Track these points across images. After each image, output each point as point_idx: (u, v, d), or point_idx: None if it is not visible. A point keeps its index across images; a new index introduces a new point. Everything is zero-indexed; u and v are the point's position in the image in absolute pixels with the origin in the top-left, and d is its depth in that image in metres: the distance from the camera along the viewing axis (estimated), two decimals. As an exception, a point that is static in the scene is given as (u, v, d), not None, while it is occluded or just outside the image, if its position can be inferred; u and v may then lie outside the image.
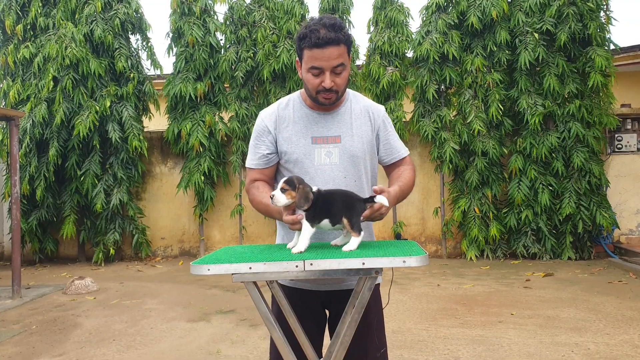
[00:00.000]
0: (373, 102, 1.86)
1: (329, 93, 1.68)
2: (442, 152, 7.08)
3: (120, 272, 6.90)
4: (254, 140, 1.81)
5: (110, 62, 7.49)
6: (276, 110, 1.80)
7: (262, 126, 1.79)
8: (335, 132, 1.75)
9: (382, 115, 1.83)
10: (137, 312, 4.72)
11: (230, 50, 7.47)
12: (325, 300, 1.83)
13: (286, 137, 1.75)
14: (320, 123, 1.76)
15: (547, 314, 4.32)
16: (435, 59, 7.02)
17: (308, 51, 1.63)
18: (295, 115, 1.78)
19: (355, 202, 1.57)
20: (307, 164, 1.73)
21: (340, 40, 1.62)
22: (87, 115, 7.12)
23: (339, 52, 1.63)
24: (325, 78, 1.65)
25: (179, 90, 7.34)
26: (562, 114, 6.84)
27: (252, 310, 4.57)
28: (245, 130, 7.47)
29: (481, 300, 4.81)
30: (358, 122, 1.78)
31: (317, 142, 1.74)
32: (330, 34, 1.60)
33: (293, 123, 1.76)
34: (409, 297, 4.98)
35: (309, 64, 1.65)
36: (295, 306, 1.73)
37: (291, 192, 1.55)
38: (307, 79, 1.69)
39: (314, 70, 1.65)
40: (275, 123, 1.78)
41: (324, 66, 1.63)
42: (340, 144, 1.74)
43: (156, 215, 8.07)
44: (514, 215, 6.91)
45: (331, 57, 1.62)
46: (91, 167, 7.36)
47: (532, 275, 5.91)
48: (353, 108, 1.80)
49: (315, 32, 1.60)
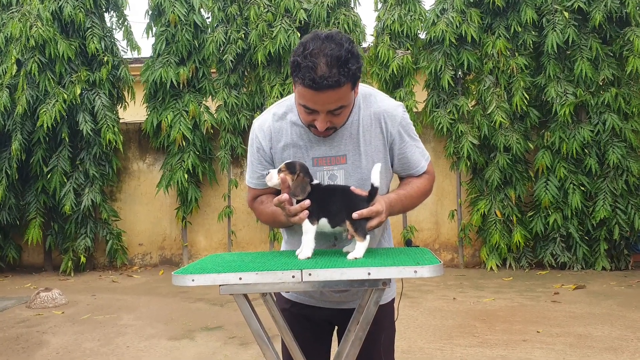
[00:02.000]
0: (389, 105, 1.73)
1: (324, 131, 1.62)
2: (459, 147, 7.08)
3: (92, 283, 6.89)
4: (250, 155, 1.80)
5: (82, 43, 7.48)
6: (271, 123, 1.74)
7: (256, 143, 1.76)
8: (339, 150, 1.68)
9: (397, 123, 1.72)
10: (111, 329, 4.71)
11: (218, 30, 7.47)
12: (334, 317, 1.86)
13: (284, 159, 1.70)
14: (322, 140, 1.68)
15: (578, 331, 4.32)
16: (452, 41, 7.02)
17: (300, 87, 1.52)
18: (292, 130, 1.71)
19: (359, 202, 1.57)
20: None
21: (341, 82, 1.48)
22: (54, 103, 7.11)
23: (338, 95, 1.51)
24: (319, 119, 1.57)
25: (159, 75, 7.34)
26: (596, 103, 6.84)
27: (243, 326, 4.57)
28: (234, 122, 7.47)
29: (503, 316, 4.81)
30: (367, 135, 1.69)
31: (319, 164, 1.69)
32: (331, 75, 1.46)
33: (291, 141, 1.70)
34: (421, 312, 4.98)
35: (301, 100, 1.56)
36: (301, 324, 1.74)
37: (288, 175, 1.57)
38: (299, 111, 1.62)
39: (306, 109, 1.57)
40: (270, 141, 1.74)
41: (318, 109, 1.55)
42: (346, 164, 1.69)
43: (133, 218, 8.07)
44: (541, 219, 6.92)
45: (328, 101, 1.52)
46: (59, 164, 7.36)
47: (561, 288, 5.91)
48: (362, 117, 1.69)
49: (311, 70, 1.46)
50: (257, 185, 1.81)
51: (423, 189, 1.79)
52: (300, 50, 1.51)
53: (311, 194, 1.57)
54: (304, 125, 1.66)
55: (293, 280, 1.38)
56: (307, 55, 1.48)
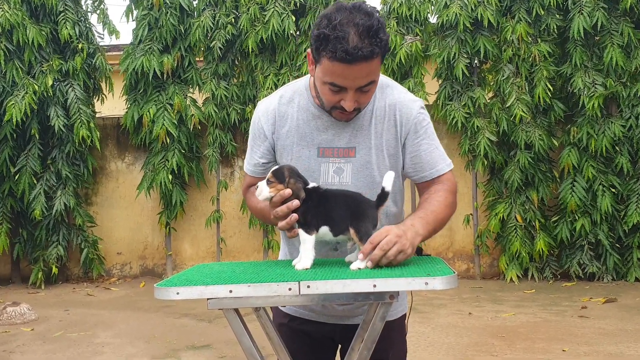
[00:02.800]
0: (406, 97, 1.75)
1: (349, 112, 1.63)
2: (475, 144, 7.08)
3: (65, 297, 6.88)
4: (251, 139, 1.84)
5: (53, 28, 7.48)
6: (276, 106, 1.76)
7: (258, 127, 1.79)
8: (348, 142, 1.70)
9: (413, 118, 1.72)
10: (86, 348, 4.71)
11: (205, 14, 7.47)
12: (337, 334, 1.86)
13: (286, 146, 1.74)
14: (330, 129, 1.71)
15: (608, 350, 4.32)
16: (467, 26, 7.02)
17: (329, 62, 1.53)
18: (299, 115, 1.73)
19: (365, 208, 1.56)
20: None
21: (375, 53, 1.52)
22: (24, 96, 7.11)
23: (371, 68, 1.55)
24: (347, 98, 1.59)
25: (140, 64, 7.33)
26: (628, 95, 6.84)
27: (233, 345, 4.57)
28: (223, 117, 7.47)
29: (524, 333, 4.81)
30: (379, 128, 1.71)
31: (325, 155, 1.71)
32: (364, 45, 1.49)
33: (296, 127, 1.73)
34: (433, 328, 4.97)
35: (327, 77, 1.57)
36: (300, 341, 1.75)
37: (277, 186, 1.56)
38: (322, 91, 1.63)
39: (332, 86, 1.58)
40: (273, 125, 1.76)
41: (347, 85, 1.57)
42: (355, 158, 1.70)
43: (111, 224, 8.06)
44: (567, 224, 6.91)
45: (360, 75, 1.55)
46: (28, 163, 7.35)
47: (589, 302, 5.91)
48: (375, 108, 1.72)
49: (342, 42, 1.49)
50: (253, 173, 1.83)
51: (446, 204, 1.71)
52: (326, 23, 1.52)
53: (309, 199, 1.56)
54: (326, 108, 1.67)
55: (289, 294, 1.37)
56: (336, 26, 1.50)
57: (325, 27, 1.51)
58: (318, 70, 1.60)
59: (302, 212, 1.55)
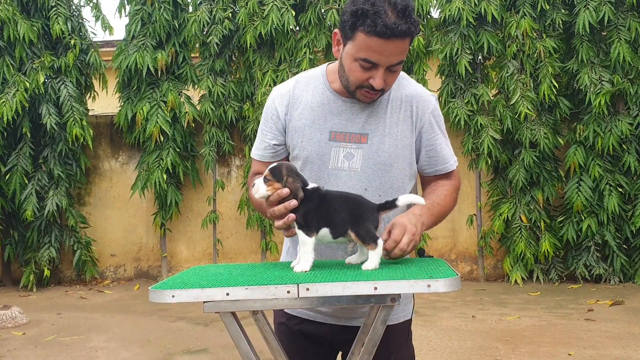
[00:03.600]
0: (423, 90, 1.83)
1: (374, 92, 1.68)
2: (479, 142, 7.08)
3: (57, 300, 6.88)
4: (262, 124, 1.86)
5: (45, 24, 7.48)
6: (291, 90, 1.81)
7: (271, 108, 1.83)
8: (361, 128, 1.74)
9: (430, 110, 1.80)
10: (79, 352, 4.71)
11: (201, 9, 7.47)
12: (336, 336, 1.86)
13: (297, 128, 1.77)
14: (344, 114, 1.75)
15: (615, 354, 4.32)
16: (470, 21, 7.02)
17: (365, 37, 1.59)
18: (314, 99, 1.78)
19: (365, 211, 1.57)
20: (319, 166, 1.75)
21: (410, 33, 1.60)
22: (15, 93, 7.11)
23: (403, 47, 1.62)
24: (377, 75, 1.64)
25: (134, 61, 7.33)
26: (635, 92, 6.84)
27: (230, 349, 4.57)
28: (220, 114, 7.47)
29: (529, 337, 4.81)
30: (395, 117, 1.76)
31: (336, 139, 1.74)
32: (401, 23, 1.57)
33: (310, 109, 1.77)
34: (435, 332, 4.98)
35: (361, 53, 1.62)
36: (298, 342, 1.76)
37: (274, 184, 1.56)
38: (351, 69, 1.67)
39: (365, 62, 1.63)
40: (287, 106, 1.80)
41: (381, 62, 1.62)
42: (366, 144, 1.74)
43: (104, 225, 8.06)
44: (573, 225, 6.92)
45: (394, 52, 1.61)
46: (19, 163, 7.35)
47: (595, 304, 5.91)
48: (392, 98, 1.77)
49: (381, 16, 1.56)
50: (262, 157, 1.85)
51: (452, 197, 1.82)
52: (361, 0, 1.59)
53: (310, 200, 1.56)
54: (351, 88, 1.70)
55: (288, 296, 1.37)
56: (375, 2, 1.57)
57: (363, 3, 1.58)
58: (349, 47, 1.65)
59: (302, 213, 1.55)
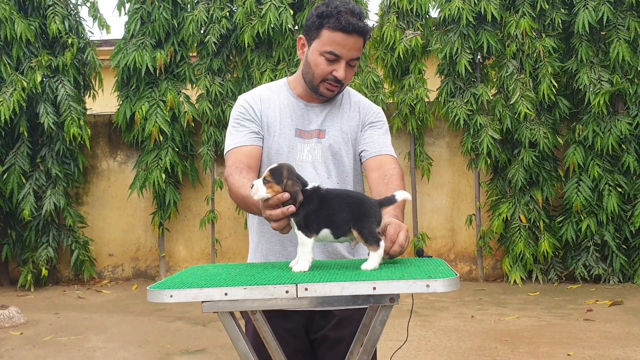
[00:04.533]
0: (370, 102, 2.12)
1: (336, 85, 1.93)
2: (478, 142, 7.09)
3: (55, 300, 6.88)
4: (234, 122, 2.00)
5: (42, 23, 7.47)
6: (259, 94, 2.04)
7: (244, 106, 2.01)
8: (320, 125, 2.00)
9: (373, 112, 2.07)
10: (77, 352, 4.71)
11: (199, 8, 7.47)
12: (308, 322, 1.94)
13: (270, 123, 1.98)
14: (305, 115, 2.01)
15: (614, 354, 4.33)
16: (469, 21, 7.03)
17: (330, 32, 1.88)
18: (280, 101, 2.02)
19: (368, 208, 1.56)
20: (287, 158, 1.94)
21: (365, 31, 1.90)
22: (12, 93, 7.10)
23: (359, 45, 1.91)
24: (339, 67, 1.90)
25: (132, 60, 7.33)
26: (634, 92, 6.85)
27: (229, 349, 4.57)
28: (218, 113, 7.47)
29: (528, 337, 4.82)
30: (346, 116, 2.03)
31: (301, 136, 1.99)
32: (358, 22, 1.87)
33: (278, 109, 2.00)
34: (434, 332, 4.98)
35: (326, 47, 1.89)
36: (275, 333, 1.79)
37: (274, 187, 1.55)
38: (317, 63, 1.92)
39: (330, 55, 1.89)
40: (260, 104, 2.00)
41: (343, 55, 1.89)
42: (324, 139, 1.99)
43: (102, 224, 8.05)
44: (572, 225, 6.93)
45: (354, 47, 1.89)
46: (17, 162, 7.34)
47: (595, 304, 5.92)
48: (344, 101, 2.05)
49: (343, 15, 1.86)
50: (242, 143, 1.96)
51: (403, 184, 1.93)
52: (325, 6, 1.90)
53: (310, 202, 1.56)
54: (316, 82, 1.95)
55: (287, 296, 1.38)
56: (337, 6, 1.88)
57: (326, 7, 1.89)
58: (315, 45, 1.91)
59: (303, 215, 1.54)
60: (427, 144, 7.64)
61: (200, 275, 1.59)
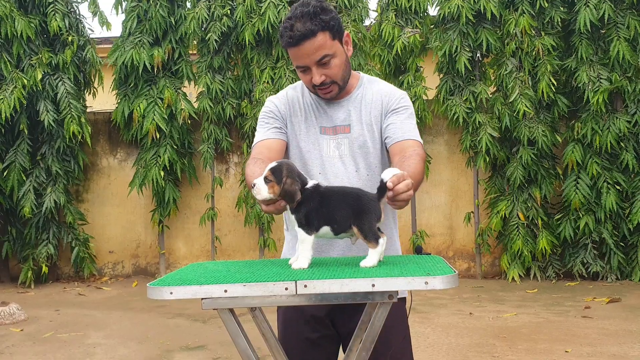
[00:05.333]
0: (393, 88, 2.08)
1: (325, 87, 1.95)
2: (477, 140, 7.09)
3: (55, 296, 6.88)
4: (261, 121, 2.08)
5: (42, 20, 7.46)
6: (286, 95, 2.11)
7: (271, 107, 2.08)
8: (344, 121, 2.03)
9: (397, 98, 2.03)
10: (77, 349, 4.72)
11: (199, 6, 7.46)
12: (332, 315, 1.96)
13: (296, 122, 2.05)
14: (328, 112, 2.05)
15: (611, 351, 4.34)
16: (469, 18, 7.02)
17: (288, 50, 1.92)
18: (304, 100, 2.08)
19: (367, 203, 1.57)
20: (315, 155, 2.01)
21: (315, 31, 1.85)
22: (12, 90, 7.10)
23: (317, 43, 1.87)
24: (312, 74, 1.92)
25: (130, 57, 7.32)
26: (633, 90, 6.85)
27: (228, 345, 4.57)
28: (219, 111, 7.46)
29: (526, 334, 4.83)
30: (368, 108, 2.03)
31: (326, 133, 2.03)
32: (304, 26, 1.84)
33: (302, 109, 2.07)
34: (433, 329, 4.99)
35: (294, 63, 1.96)
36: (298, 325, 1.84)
37: (275, 187, 1.56)
38: (300, 77, 2.00)
39: (299, 68, 1.95)
40: (286, 105, 2.07)
41: (307, 63, 1.91)
42: (350, 134, 2.01)
43: (103, 221, 8.06)
44: (570, 223, 6.93)
45: (309, 52, 1.88)
46: (17, 159, 7.34)
47: (592, 302, 5.93)
48: (365, 93, 2.05)
49: (287, 30, 1.86)
50: (265, 136, 2.02)
51: (421, 166, 1.85)
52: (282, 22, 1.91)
53: (311, 200, 1.56)
54: (310, 90, 2.02)
55: (286, 293, 1.38)
56: (285, 22, 1.89)
57: (281, 24, 1.95)
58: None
59: (304, 213, 1.55)
60: (425, 141, 7.63)
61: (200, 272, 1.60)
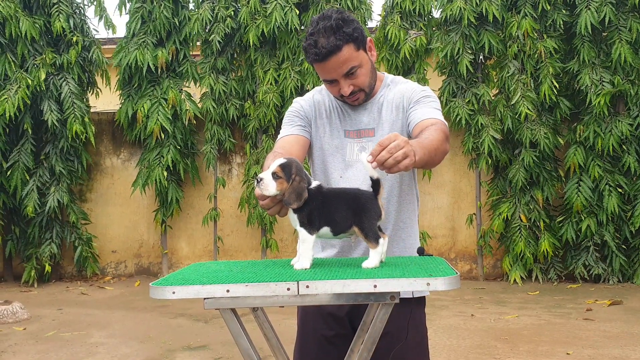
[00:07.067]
0: (415, 84, 2.05)
1: (354, 95, 1.94)
2: (479, 142, 7.09)
3: (58, 295, 6.89)
4: (285, 119, 2.09)
5: (47, 21, 7.48)
6: (312, 97, 2.11)
7: (297, 107, 2.09)
8: (367, 124, 2.01)
9: (418, 92, 2.00)
10: (79, 348, 4.72)
11: (203, 7, 7.47)
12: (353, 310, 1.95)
13: (320, 124, 2.05)
14: (353, 115, 2.04)
15: (613, 353, 4.33)
16: (471, 21, 7.02)
17: (314, 66, 1.91)
18: (329, 104, 2.07)
19: (366, 202, 1.57)
20: (338, 159, 2.00)
21: (340, 46, 1.84)
22: (16, 90, 7.11)
23: (343, 57, 1.86)
24: (341, 86, 1.92)
25: (134, 58, 7.33)
26: (635, 93, 6.84)
27: (230, 345, 4.57)
28: (222, 112, 7.47)
29: (528, 336, 4.82)
30: (391, 108, 2.01)
31: (350, 136, 2.02)
32: (328, 42, 1.83)
33: (327, 113, 2.06)
34: (434, 330, 4.98)
35: (321, 77, 1.95)
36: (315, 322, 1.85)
37: (283, 183, 1.56)
38: (327, 88, 2.01)
39: (327, 82, 1.95)
40: (312, 107, 2.07)
41: (334, 76, 1.90)
42: (374, 137, 1.98)
43: (106, 221, 8.06)
44: (572, 225, 6.92)
45: (336, 66, 1.87)
46: (21, 159, 7.35)
47: (594, 304, 5.92)
48: (387, 95, 2.03)
49: (312, 47, 1.85)
50: (289, 132, 2.02)
51: (438, 136, 1.77)
52: (307, 34, 1.89)
53: (314, 200, 1.56)
54: (337, 99, 2.02)
55: (288, 294, 1.38)
56: (307, 38, 1.87)
57: (304, 40, 1.90)
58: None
59: (307, 213, 1.55)
60: (428, 143, 7.62)
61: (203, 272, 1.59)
